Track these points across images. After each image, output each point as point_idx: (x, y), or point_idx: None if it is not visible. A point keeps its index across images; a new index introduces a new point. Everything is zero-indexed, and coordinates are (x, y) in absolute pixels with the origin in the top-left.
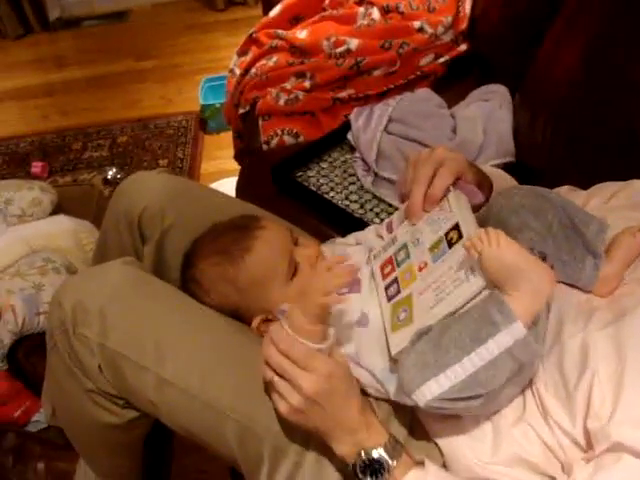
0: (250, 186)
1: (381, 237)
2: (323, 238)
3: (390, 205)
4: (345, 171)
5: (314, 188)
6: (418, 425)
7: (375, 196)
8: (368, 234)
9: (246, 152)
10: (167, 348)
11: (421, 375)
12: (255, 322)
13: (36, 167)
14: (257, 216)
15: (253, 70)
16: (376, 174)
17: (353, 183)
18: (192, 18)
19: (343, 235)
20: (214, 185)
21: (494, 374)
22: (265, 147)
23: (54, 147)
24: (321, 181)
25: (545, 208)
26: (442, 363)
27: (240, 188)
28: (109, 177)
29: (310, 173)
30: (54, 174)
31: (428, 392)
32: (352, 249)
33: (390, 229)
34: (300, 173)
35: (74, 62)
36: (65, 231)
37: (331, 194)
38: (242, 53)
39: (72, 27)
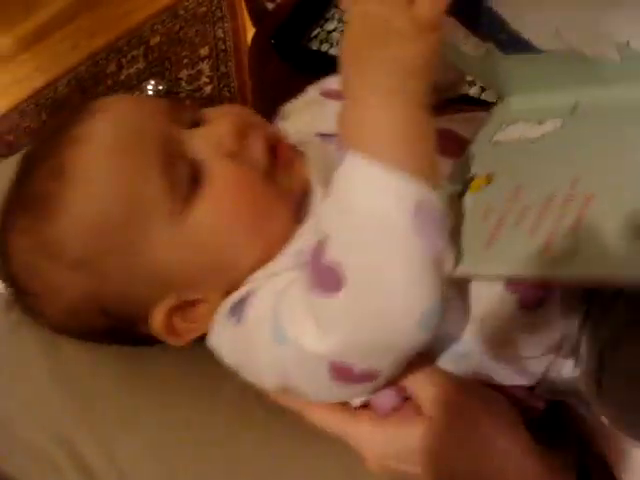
0: (260, 67)
1: None
2: None
3: None
4: None
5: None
6: None
7: None
8: None
9: (255, 14)
10: None
11: None
12: (158, 318)
13: None
14: (87, 105)
15: None
16: None
17: None
18: None
19: None
20: None
21: None
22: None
23: (90, 78)
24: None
25: None
26: None
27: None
28: (150, 93)
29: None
30: None
31: None
32: None
33: None
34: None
35: None
36: None
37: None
38: None
39: None
